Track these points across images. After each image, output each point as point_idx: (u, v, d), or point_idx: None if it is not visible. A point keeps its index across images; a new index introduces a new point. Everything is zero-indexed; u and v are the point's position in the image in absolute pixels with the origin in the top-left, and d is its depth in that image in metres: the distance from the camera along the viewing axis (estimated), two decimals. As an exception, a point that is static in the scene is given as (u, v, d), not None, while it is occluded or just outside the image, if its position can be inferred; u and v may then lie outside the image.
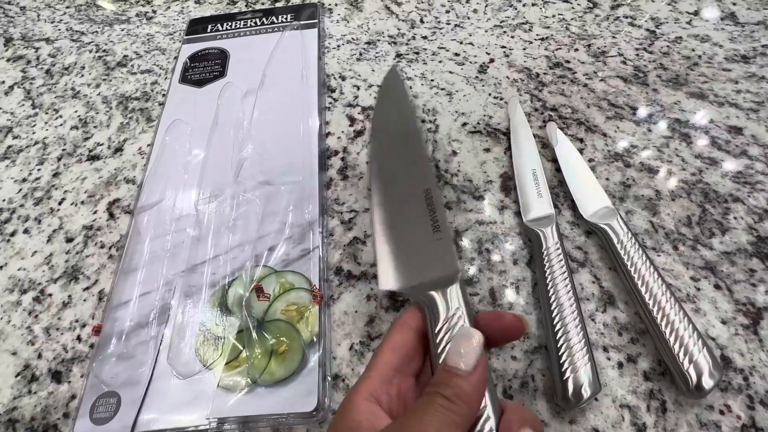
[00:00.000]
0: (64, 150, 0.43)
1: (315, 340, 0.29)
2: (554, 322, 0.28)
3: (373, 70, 0.46)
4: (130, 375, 0.29)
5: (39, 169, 0.42)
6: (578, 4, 0.50)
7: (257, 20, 0.51)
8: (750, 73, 0.42)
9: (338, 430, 0.19)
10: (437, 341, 0.21)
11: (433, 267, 0.24)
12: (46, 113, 0.46)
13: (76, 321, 0.32)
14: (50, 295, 0.34)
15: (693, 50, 0.44)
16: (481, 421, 0.19)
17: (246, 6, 0.55)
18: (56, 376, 0.30)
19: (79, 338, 0.32)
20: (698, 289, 0.30)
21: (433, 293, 0.23)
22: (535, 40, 0.47)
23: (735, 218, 0.33)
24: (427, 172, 0.28)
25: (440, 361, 0.20)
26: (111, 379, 0.29)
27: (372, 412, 0.19)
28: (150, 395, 0.28)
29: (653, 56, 0.44)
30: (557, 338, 0.27)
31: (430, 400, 0.18)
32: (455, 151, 0.39)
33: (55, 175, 0.41)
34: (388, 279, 0.25)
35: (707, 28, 0.46)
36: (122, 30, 0.54)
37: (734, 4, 0.48)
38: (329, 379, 0.28)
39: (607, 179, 0.36)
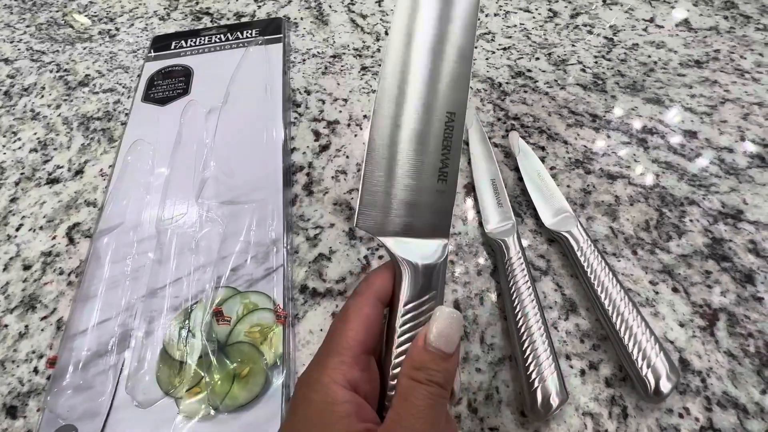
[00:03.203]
0: (22, 174, 0.42)
1: (279, 361, 0.29)
2: (520, 333, 0.28)
3: (338, 84, 0.46)
4: (88, 407, 0.28)
5: (-5, 195, 0.40)
6: (539, 14, 0.51)
7: (222, 36, 0.51)
8: (703, 77, 0.43)
9: (314, 420, 0.16)
10: (411, 317, 0.19)
11: (424, 229, 0.21)
12: (4, 136, 0.45)
13: (33, 352, 0.31)
14: (6, 326, 0.33)
15: (649, 56, 0.45)
16: None
17: (211, 22, 0.55)
18: (11, 412, 0.29)
19: (36, 370, 0.31)
20: (657, 293, 0.31)
21: (418, 263, 0.20)
22: (498, 49, 0.48)
23: (691, 221, 0.34)
24: (460, 88, 0.21)
25: (418, 340, 0.18)
26: (67, 412, 0.28)
27: (357, 404, 0.17)
28: (109, 427, 0.27)
29: (611, 63, 0.45)
30: (524, 349, 0.28)
31: (419, 388, 0.17)
32: (420, 163, 0.39)
33: (13, 200, 0.40)
34: (367, 220, 0.21)
35: (662, 34, 0.47)
36: (84, 48, 0.54)
37: (687, 10, 0.50)
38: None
39: (568, 186, 0.36)
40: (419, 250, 0.21)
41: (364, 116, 0.43)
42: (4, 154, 0.44)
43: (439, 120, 0.21)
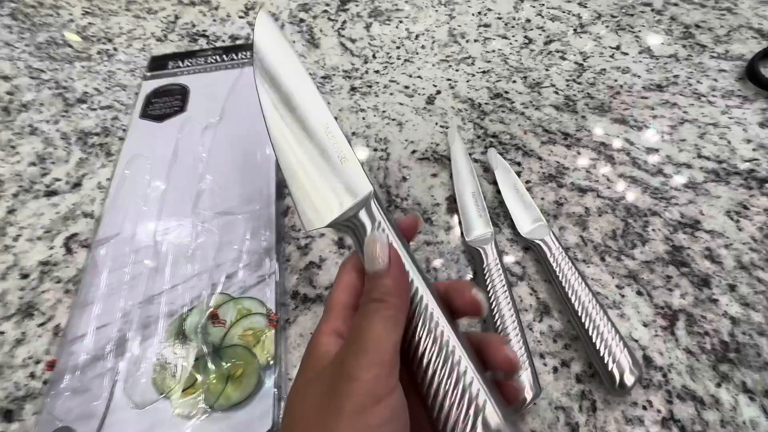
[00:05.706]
0: (20, 186, 0.43)
1: (271, 362, 0.30)
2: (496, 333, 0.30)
3: (328, 103, 0.49)
4: (84, 409, 0.29)
5: (-7, 207, 0.42)
6: (515, 40, 0.55)
7: (217, 57, 0.54)
8: (664, 100, 0.47)
9: (308, 365, 0.21)
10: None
11: (348, 195, 0.24)
12: (3, 150, 0.47)
13: (30, 358, 0.32)
14: (2, 333, 0.34)
15: (615, 80, 0.49)
16: (417, 301, 0.21)
17: (207, 43, 0.58)
18: (7, 415, 0.30)
19: (32, 375, 0.31)
20: (623, 296, 0.33)
21: (354, 220, 0.24)
22: (478, 73, 0.51)
23: (653, 230, 0.37)
24: (322, 109, 0.27)
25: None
26: (65, 414, 0.29)
27: (337, 344, 0.21)
28: (106, 428, 0.28)
29: (581, 86, 0.49)
30: (500, 348, 0.30)
31: (364, 308, 0.20)
32: (405, 177, 0.42)
33: (11, 211, 0.41)
34: (311, 220, 0.25)
35: (627, 61, 0.51)
36: (83, 67, 0.56)
37: (650, 39, 0.54)
38: (284, 399, 0.29)
39: (542, 199, 0.39)
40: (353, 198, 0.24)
41: (353, 133, 0.46)
42: (3, 167, 0.45)
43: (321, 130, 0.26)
